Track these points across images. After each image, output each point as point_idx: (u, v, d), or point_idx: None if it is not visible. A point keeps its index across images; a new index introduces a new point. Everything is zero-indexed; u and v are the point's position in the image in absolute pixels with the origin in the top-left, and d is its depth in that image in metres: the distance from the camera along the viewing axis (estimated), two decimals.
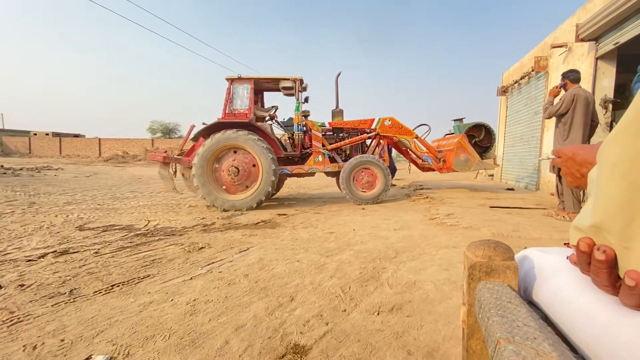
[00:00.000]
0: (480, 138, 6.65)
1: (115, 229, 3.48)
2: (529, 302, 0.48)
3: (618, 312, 0.32)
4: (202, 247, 2.81)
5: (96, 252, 2.64)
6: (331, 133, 5.82)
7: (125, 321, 1.57)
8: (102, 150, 28.56)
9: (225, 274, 2.18)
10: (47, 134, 31.28)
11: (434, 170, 6.02)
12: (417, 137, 5.84)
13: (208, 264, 2.39)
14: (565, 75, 3.90)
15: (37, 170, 10.92)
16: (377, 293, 1.88)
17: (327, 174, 5.72)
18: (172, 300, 1.80)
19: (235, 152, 4.97)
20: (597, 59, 5.15)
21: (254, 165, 4.99)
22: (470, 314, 0.47)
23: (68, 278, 2.11)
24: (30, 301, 1.78)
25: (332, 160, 5.64)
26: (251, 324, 1.53)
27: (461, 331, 0.51)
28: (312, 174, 5.62)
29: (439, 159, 5.89)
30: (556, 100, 4.00)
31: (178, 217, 4.19)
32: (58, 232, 3.29)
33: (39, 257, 2.50)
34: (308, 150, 5.57)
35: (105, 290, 1.92)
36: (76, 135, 34.63)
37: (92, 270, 2.26)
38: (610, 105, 5.09)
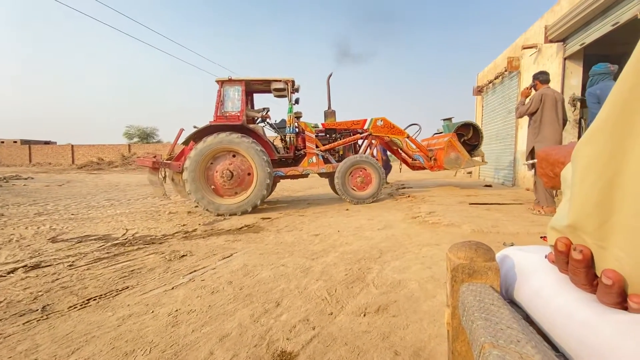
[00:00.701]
0: (468, 137, 6.85)
1: (91, 240, 3.34)
2: (511, 302, 0.48)
3: (597, 311, 0.32)
4: (183, 255, 2.74)
5: (70, 265, 2.53)
6: (323, 134, 5.84)
7: (102, 337, 1.50)
8: (75, 157, 27.41)
9: (208, 282, 2.13)
10: (15, 142, 29.74)
11: (425, 168, 6.15)
12: (408, 137, 5.96)
13: (190, 273, 2.32)
14: (535, 77, 4.09)
15: (4, 180, 10.33)
16: (362, 294, 1.88)
17: (321, 174, 5.72)
18: (152, 312, 1.74)
19: (234, 155, 4.89)
20: (565, 59, 5.40)
21: (248, 174, 4.91)
22: (454, 316, 0.47)
23: (40, 294, 2.00)
24: (0, 320, 1.67)
25: (326, 161, 5.66)
26: (236, 333, 1.50)
27: (446, 330, 0.51)
28: (305, 176, 5.60)
29: (430, 158, 6.02)
30: (527, 100, 4.18)
31: (158, 225, 4.07)
32: (28, 245, 3.12)
33: (8, 273, 2.36)
34: (301, 152, 5.56)
35: (81, 305, 1.83)
36: (47, 142, 33.11)
37: (66, 284, 2.15)
38: (578, 103, 5.34)
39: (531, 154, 4.04)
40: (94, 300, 1.90)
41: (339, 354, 1.32)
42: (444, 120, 7.32)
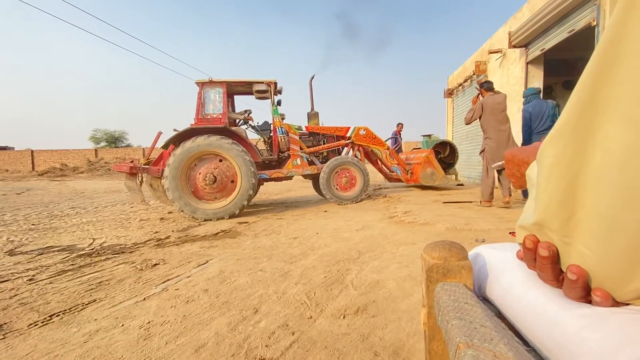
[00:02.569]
0: (445, 155, 7.16)
1: (54, 251, 3.13)
2: (484, 299, 0.49)
3: (563, 305, 0.33)
4: (156, 264, 2.63)
5: (30, 279, 2.36)
6: (307, 136, 5.85)
7: (67, 355, 1.40)
8: (35, 163, 25.71)
9: (182, 291, 2.05)
10: None
11: (401, 181, 6.31)
12: (388, 149, 6.10)
13: (163, 282, 2.23)
14: (481, 86, 4.50)
15: None
16: (342, 296, 1.88)
17: (305, 176, 5.73)
18: (122, 325, 1.65)
19: (220, 160, 4.77)
20: (527, 63, 5.70)
21: (232, 182, 4.80)
22: (430, 316, 0.47)
23: None
24: None
25: (311, 163, 5.67)
26: (213, 343, 1.45)
27: (423, 330, 0.52)
28: (290, 178, 5.56)
29: (408, 171, 6.20)
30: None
31: (128, 233, 3.89)
32: None
33: None
34: (284, 154, 5.52)
35: (43, 322, 1.71)
36: (3, 148, 30.87)
37: (25, 300, 2.00)
38: None
39: (482, 153, 4.49)
40: (57, 316, 1.78)
41: (319, 358, 1.31)
42: (424, 136, 7.66)
